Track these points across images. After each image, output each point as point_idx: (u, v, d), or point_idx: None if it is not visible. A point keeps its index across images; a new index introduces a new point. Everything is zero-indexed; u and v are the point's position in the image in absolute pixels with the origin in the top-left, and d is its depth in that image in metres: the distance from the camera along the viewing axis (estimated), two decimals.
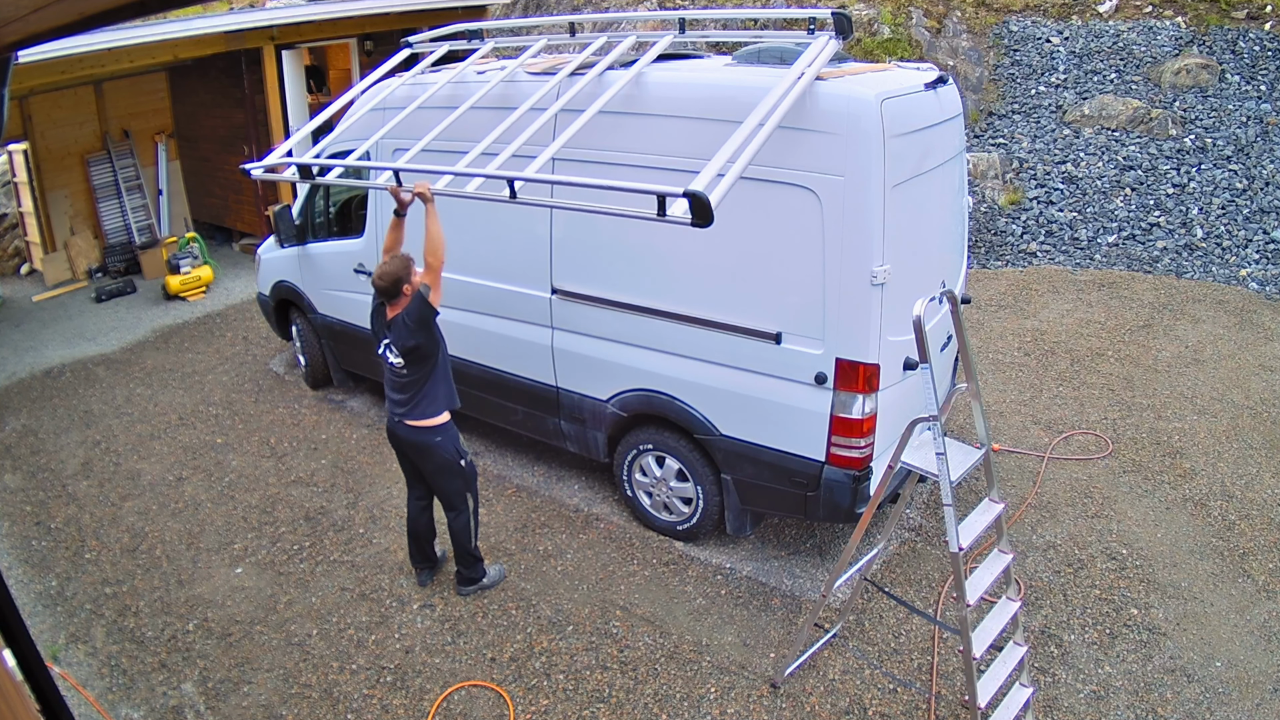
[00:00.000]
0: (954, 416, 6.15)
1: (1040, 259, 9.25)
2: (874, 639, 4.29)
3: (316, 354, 6.95)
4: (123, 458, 6.22)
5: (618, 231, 4.73)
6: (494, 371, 5.37)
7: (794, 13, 9.26)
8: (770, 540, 5.07)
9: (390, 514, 5.41)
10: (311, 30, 9.88)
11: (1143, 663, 4.10)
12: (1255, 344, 7.26)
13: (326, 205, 6.54)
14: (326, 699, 4.04)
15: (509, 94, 5.15)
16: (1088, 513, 5.20)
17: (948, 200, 4.88)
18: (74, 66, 7.91)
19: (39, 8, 1.06)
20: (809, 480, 4.34)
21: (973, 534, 3.33)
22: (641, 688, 4.03)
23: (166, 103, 10.82)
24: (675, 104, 4.39)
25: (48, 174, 9.83)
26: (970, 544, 3.27)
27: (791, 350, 4.18)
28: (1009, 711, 3.50)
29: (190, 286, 9.37)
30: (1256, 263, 8.68)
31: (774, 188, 4.08)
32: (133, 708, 4.05)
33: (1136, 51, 11.24)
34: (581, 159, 4.75)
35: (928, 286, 4.72)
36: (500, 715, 3.93)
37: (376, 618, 4.53)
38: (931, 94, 4.41)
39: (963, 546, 3.16)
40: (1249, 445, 5.81)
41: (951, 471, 3.15)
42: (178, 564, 5.04)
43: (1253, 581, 4.60)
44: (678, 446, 4.77)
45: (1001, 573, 3.50)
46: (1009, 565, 3.53)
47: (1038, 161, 10.35)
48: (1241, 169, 9.62)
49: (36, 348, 8.20)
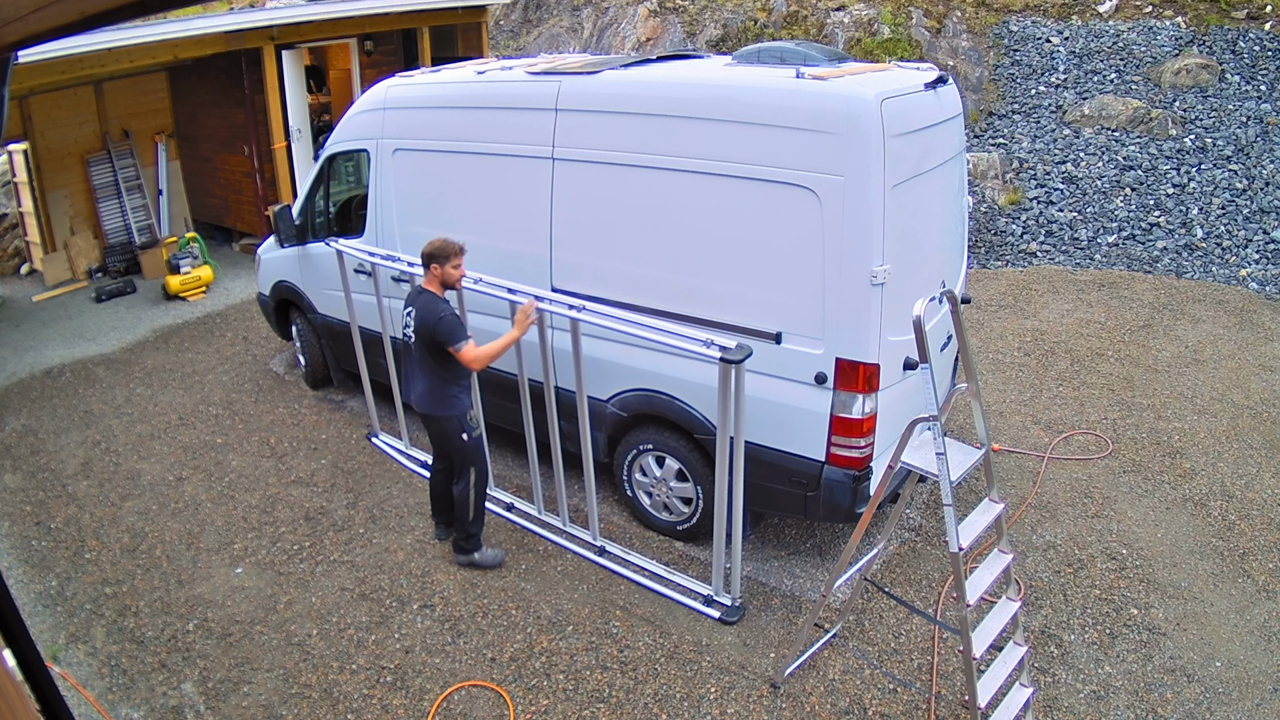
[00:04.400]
0: (953, 416, 6.15)
1: (1040, 259, 9.25)
2: (874, 639, 4.29)
3: (316, 354, 6.95)
4: (123, 458, 6.22)
5: (617, 231, 4.73)
6: (494, 372, 5.37)
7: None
8: (770, 540, 5.07)
9: (390, 514, 5.41)
10: (311, 30, 9.87)
11: (1143, 663, 4.10)
12: (1255, 344, 7.26)
13: (327, 205, 6.54)
14: (326, 699, 4.04)
15: (510, 94, 5.15)
16: (1088, 513, 5.20)
17: (948, 200, 4.88)
18: (74, 66, 7.91)
19: (39, 8, 1.06)
20: (809, 480, 4.34)
21: (973, 534, 3.33)
22: (641, 688, 4.04)
23: (166, 103, 10.81)
24: (675, 104, 4.39)
25: (48, 174, 9.82)
26: (970, 544, 3.27)
27: (791, 350, 4.18)
28: (1009, 711, 3.50)
29: (190, 286, 9.37)
30: (1256, 263, 8.68)
31: (774, 188, 4.08)
32: (133, 708, 4.05)
33: (1136, 51, 11.25)
34: (582, 159, 4.76)
35: (928, 286, 4.72)
36: (500, 715, 3.93)
37: (376, 618, 4.53)
38: (931, 94, 4.41)
39: (963, 546, 3.17)
40: (1249, 445, 5.82)
41: (951, 471, 3.15)
42: (178, 564, 5.04)
43: (1253, 581, 4.60)
44: (678, 446, 4.77)
45: (1001, 573, 3.50)
46: (1009, 565, 3.53)
47: (1038, 161, 10.35)
48: (1241, 169, 9.62)
49: (36, 348, 8.20)
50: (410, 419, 6.03)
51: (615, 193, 4.65)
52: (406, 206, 5.74)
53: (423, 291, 4.53)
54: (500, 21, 15.25)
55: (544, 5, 15.05)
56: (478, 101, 5.34)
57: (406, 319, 4.59)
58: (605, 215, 4.74)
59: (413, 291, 4.69)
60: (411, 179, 5.68)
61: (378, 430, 6.30)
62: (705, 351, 3.87)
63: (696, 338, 3.93)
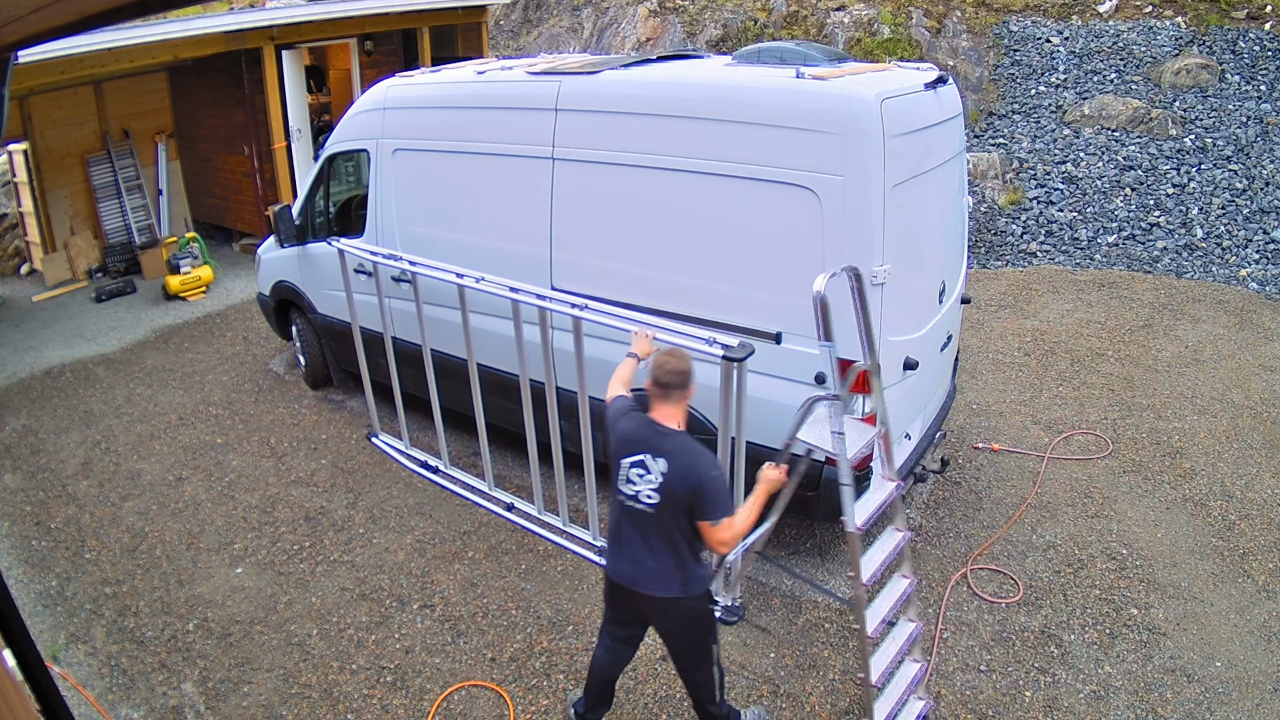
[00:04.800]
0: (953, 416, 6.16)
1: (1040, 259, 9.25)
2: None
3: (316, 354, 6.95)
4: (123, 458, 6.22)
5: (617, 231, 4.73)
6: (494, 371, 5.37)
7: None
8: (770, 540, 5.06)
9: (390, 514, 5.41)
10: (311, 30, 9.88)
11: (1143, 663, 4.10)
12: (1255, 344, 7.26)
13: (327, 205, 6.55)
14: (326, 699, 4.04)
15: (509, 94, 5.15)
16: (1088, 513, 5.20)
17: (948, 200, 4.88)
18: (74, 66, 7.91)
19: (39, 8, 1.06)
20: (809, 480, 4.33)
21: (867, 512, 3.44)
22: (641, 688, 4.03)
23: (166, 103, 10.81)
24: (676, 104, 4.39)
25: (48, 174, 9.82)
26: (865, 523, 3.37)
27: (792, 350, 4.18)
28: (899, 686, 3.64)
29: (190, 286, 9.37)
30: (1256, 263, 8.68)
31: (774, 188, 4.08)
32: (133, 708, 4.05)
33: (1136, 51, 11.25)
34: (582, 159, 4.76)
35: (928, 286, 4.74)
36: (500, 715, 3.93)
37: (376, 618, 4.53)
38: (931, 94, 4.41)
39: (859, 526, 3.29)
40: (1249, 445, 5.82)
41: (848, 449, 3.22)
42: (178, 564, 5.04)
43: (1253, 581, 4.60)
44: None
45: (895, 550, 3.65)
46: (902, 543, 3.68)
47: (1038, 161, 10.35)
48: (1241, 169, 9.62)
49: (36, 348, 8.20)
50: (411, 419, 6.03)
51: (615, 193, 4.65)
52: (406, 206, 5.74)
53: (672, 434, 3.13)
54: (500, 21, 15.25)
55: (544, 5, 15.05)
56: (478, 101, 5.35)
57: (636, 460, 3.13)
58: (605, 215, 4.74)
59: (647, 428, 3.18)
60: (411, 179, 5.68)
61: (378, 430, 6.30)
62: (708, 350, 3.87)
63: (699, 336, 3.93)
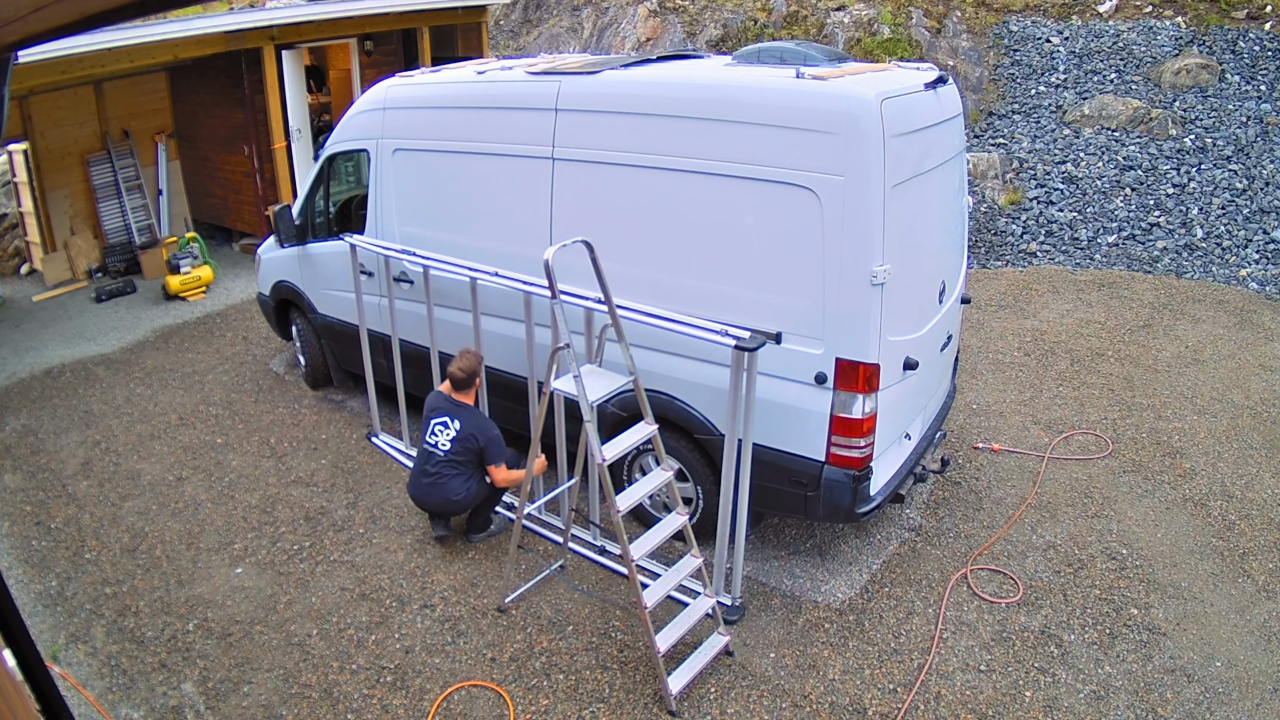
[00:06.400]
0: (953, 417, 6.16)
1: (1040, 259, 9.25)
2: (873, 639, 4.29)
3: (316, 354, 6.95)
4: (123, 458, 6.22)
5: (617, 231, 4.73)
6: (495, 371, 5.37)
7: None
8: (770, 540, 5.07)
9: (390, 514, 5.41)
10: (311, 30, 9.87)
11: (1143, 663, 4.10)
12: (1255, 344, 7.26)
13: (327, 205, 6.54)
14: (326, 699, 4.04)
15: (509, 94, 5.15)
16: (1088, 513, 5.20)
17: (948, 200, 4.88)
18: (74, 66, 7.91)
19: (39, 8, 1.06)
20: (809, 480, 4.34)
21: (619, 449, 3.85)
22: (642, 688, 4.04)
23: (166, 103, 10.81)
24: (676, 104, 4.38)
25: (48, 174, 9.82)
26: (614, 456, 3.80)
27: (792, 350, 4.18)
28: (690, 618, 4.03)
29: (190, 286, 9.37)
30: (1256, 263, 8.69)
31: (774, 188, 4.08)
32: (133, 708, 4.05)
33: (1136, 51, 11.25)
34: (582, 159, 4.76)
35: (928, 286, 4.74)
36: (500, 715, 3.93)
37: (376, 618, 4.53)
38: (931, 94, 4.41)
39: (605, 458, 3.70)
40: (1249, 445, 5.82)
41: (590, 393, 3.70)
42: (178, 564, 5.04)
43: (1253, 581, 4.60)
44: (677, 446, 4.77)
45: (663, 485, 4.04)
46: (670, 479, 4.04)
47: (1038, 161, 10.36)
48: (1241, 169, 9.62)
49: (36, 348, 8.20)
50: (411, 419, 6.03)
51: (615, 193, 4.65)
52: (406, 206, 5.74)
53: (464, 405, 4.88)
54: (500, 21, 15.25)
55: (544, 5, 15.04)
56: (478, 101, 5.34)
57: (438, 421, 4.88)
58: (605, 215, 4.74)
59: (448, 404, 4.89)
60: (411, 179, 5.68)
61: (378, 430, 6.30)
62: (720, 340, 3.90)
63: (712, 327, 3.96)
